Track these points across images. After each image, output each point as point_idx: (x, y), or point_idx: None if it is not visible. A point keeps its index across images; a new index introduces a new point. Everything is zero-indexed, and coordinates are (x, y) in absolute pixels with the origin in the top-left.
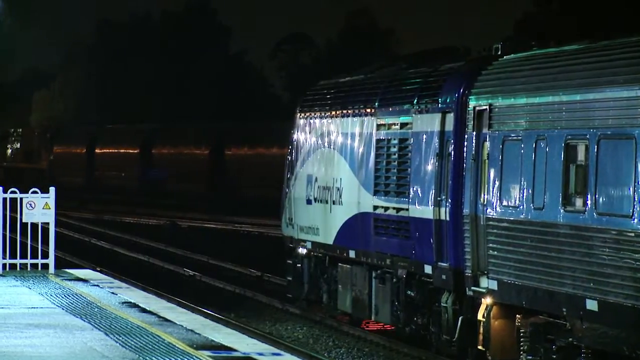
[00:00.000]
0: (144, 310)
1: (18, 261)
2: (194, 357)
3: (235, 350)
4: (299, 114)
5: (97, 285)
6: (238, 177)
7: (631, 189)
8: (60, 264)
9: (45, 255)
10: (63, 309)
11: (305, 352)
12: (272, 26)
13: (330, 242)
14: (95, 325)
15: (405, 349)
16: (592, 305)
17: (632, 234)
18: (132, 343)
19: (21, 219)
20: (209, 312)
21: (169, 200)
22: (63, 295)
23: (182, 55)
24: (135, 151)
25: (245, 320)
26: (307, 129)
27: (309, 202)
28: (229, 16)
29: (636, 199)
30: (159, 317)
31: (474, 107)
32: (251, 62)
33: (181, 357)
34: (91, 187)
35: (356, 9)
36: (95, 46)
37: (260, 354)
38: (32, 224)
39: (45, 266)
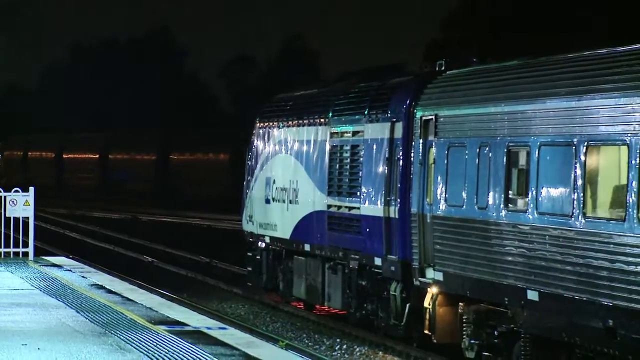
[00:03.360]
0: (109, 291)
1: (2, 250)
2: (152, 331)
3: (187, 325)
4: (258, 123)
5: (70, 270)
6: (122, 176)
7: (570, 190)
8: (38, 252)
9: (25, 244)
10: (40, 290)
11: (246, 326)
12: (222, 49)
13: (287, 236)
14: (68, 304)
15: (330, 323)
16: (533, 295)
17: (572, 232)
18: (100, 319)
19: (5, 214)
20: (164, 292)
21: (68, 193)
22: (40, 279)
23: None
24: (52, 155)
25: (196, 299)
26: (266, 137)
27: (267, 201)
28: (184, 40)
29: (575, 200)
30: (123, 297)
31: (421, 117)
32: (201, 80)
33: (141, 331)
34: (26, 185)
35: (292, 34)
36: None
37: (209, 328)
38: (14, 218)
39: (25, 254)
